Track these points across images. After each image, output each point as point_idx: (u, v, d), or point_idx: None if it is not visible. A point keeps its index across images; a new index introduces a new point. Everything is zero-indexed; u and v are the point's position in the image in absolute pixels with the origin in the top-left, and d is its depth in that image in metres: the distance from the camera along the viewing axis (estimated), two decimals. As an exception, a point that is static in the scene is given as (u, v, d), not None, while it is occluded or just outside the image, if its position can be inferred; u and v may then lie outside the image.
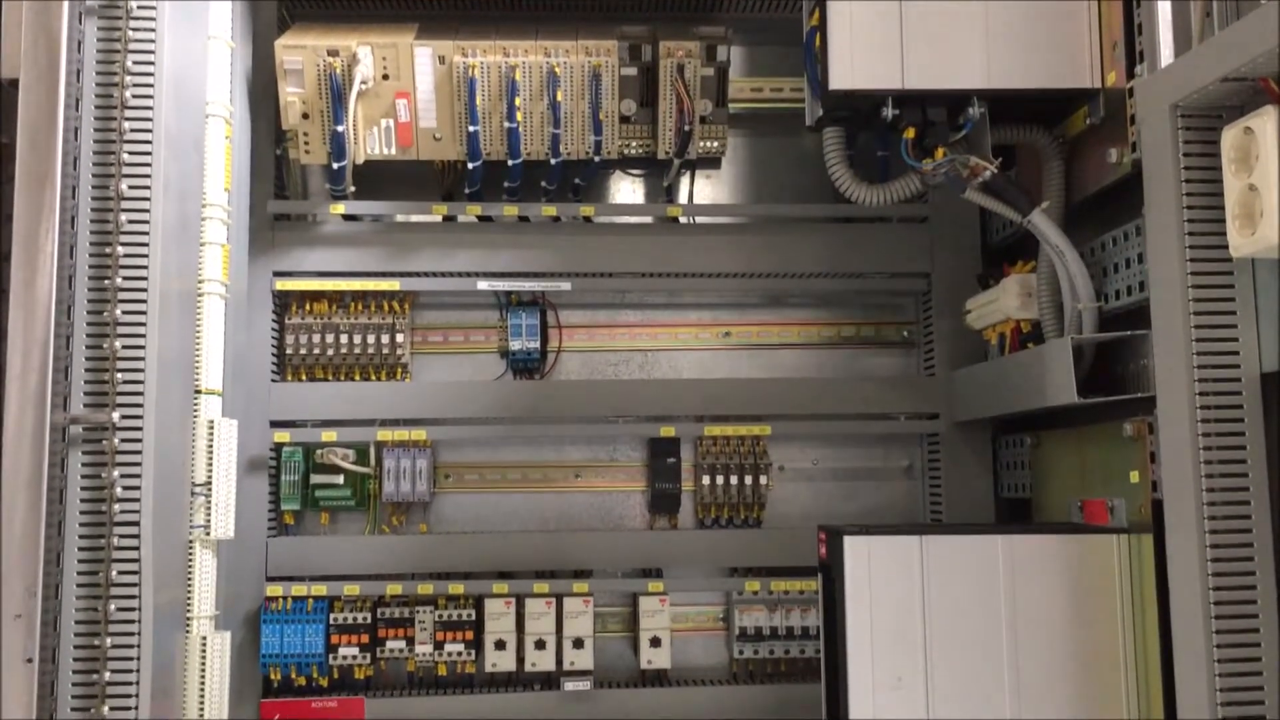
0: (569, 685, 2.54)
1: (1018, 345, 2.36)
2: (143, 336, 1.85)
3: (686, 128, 2.56)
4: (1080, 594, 1.99)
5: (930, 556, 1.99)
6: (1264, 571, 1.63)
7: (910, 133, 2.18)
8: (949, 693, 1.95)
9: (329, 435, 2.59)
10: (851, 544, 1.99)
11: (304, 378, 2.66)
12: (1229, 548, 1.62)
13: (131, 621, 1.79)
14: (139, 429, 1.83)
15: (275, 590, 2.51)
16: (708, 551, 2.67)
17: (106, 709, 1.75)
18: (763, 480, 2.69)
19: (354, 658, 2.51)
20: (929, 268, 2.71)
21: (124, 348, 1.84)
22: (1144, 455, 1.93)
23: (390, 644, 2.53)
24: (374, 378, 2.67)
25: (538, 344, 2.72)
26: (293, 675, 2.51)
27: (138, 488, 1.82)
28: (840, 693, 1.98)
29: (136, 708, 1.77)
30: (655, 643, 2.58)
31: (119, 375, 1.83)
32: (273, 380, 2.61)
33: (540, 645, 2.54)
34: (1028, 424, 2.49)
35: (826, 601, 2.08)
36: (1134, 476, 1.97)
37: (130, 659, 1.78)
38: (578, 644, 2.54)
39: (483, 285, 2.68)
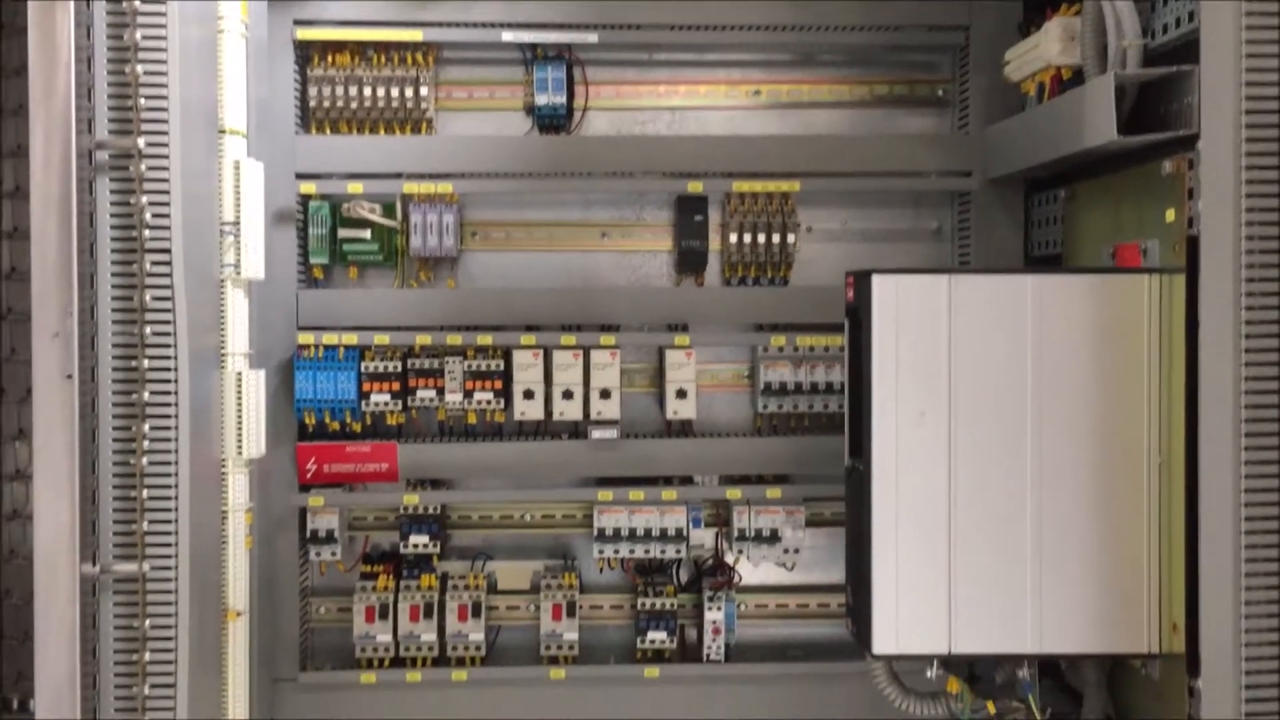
0: (596, 434, 2.59)
1: (1057, 94, 2.29)
2: (164, 63, 1.83)
3: None
4: (1108, 335, 1.99)
5: (958, 296, 1.98)
6: (1297, 296, 1.62)
7: None
8: (972, 428, 1.97)
9: (355, 187, 2.57)
10: (879, 282, 1.98)
11: (328, 131, 2.62)
12: (1264, 267, 1.61)
13: (167, 345, 1.83)
14: (165, 155, 1.83)
15: (307, 339, 2.54)
16: (734, 308, 2.68)
17: (147, 426, 1.80)
18: (790, 239, 2.67)
19: (386, 404, 2.56)
20: (967, 20, 2.62)
21: (146, 74, 1.82)
22: (1182, 192, 1.89)
23: (421, 393, 2.57)
24: (398, 133, 2.63)
25: (564, 99, 2.66)
26: (327, 420, 2.56)
27: (166, 215, 1.83)
28: (864, 429, 2.01)
29: (176, 427, 1.83)
30: (681, 394, 2.61)
31: (142, 101, 1.81)
32: (297, 132, 2.58)
33: (568, 395, 2.57)
34: (1061, 180, 2.44)
35: (853, 345, 2.09)
36: (1169, 215, 1.94)
37: (168, 380, 1.83)
38: (604, 394, 2.58)
39: (507, 36, 2.61)
